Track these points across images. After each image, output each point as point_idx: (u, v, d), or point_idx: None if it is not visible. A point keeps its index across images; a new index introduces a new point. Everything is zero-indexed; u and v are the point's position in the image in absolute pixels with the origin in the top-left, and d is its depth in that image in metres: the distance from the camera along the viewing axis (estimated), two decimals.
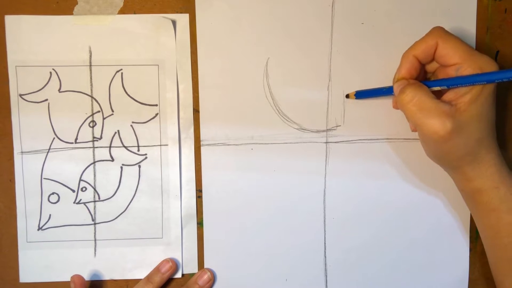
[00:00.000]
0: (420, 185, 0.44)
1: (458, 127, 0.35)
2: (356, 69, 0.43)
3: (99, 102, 0.43)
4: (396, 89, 0.38)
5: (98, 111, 0.43)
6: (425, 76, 0.41)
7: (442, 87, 0.37)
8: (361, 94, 0.42)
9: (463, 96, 0.36)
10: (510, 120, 0.44)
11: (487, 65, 0.35)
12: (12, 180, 0.44)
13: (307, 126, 0.44)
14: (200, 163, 0.44)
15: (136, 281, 0.44)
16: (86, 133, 0.44)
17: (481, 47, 0.44)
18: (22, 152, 0.44)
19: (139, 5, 0.43)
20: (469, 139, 0.36)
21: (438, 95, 0.37)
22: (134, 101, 0.43)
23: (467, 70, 0.36)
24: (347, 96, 0.43)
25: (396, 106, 0.40)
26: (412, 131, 0.42)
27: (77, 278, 0.43)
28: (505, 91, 0.44)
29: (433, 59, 0.38)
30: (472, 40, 0.43)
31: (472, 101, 0.35)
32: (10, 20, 0.42)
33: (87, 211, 0.44)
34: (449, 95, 0.37)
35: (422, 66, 0.39)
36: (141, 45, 0.43)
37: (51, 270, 0.44)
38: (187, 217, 0.44)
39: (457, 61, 0.36)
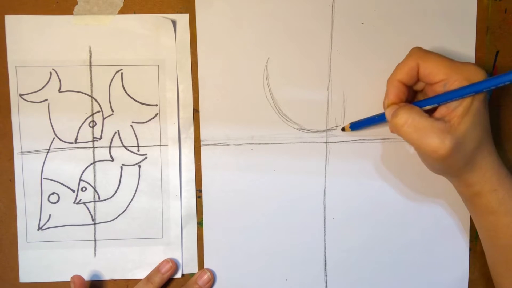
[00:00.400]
0: (420, 185, 0.44)
1: (456, 142, 0.35)
2: (356, 69, 0.43)
3: (99, 102, 0.43)
4: (388, 115, 0.38)
5: (98, 111, 0.43)
6: (414, 96, 0.41)
7: (433, 105, 0.37)
8: (356, 125, 0.43)
9: (455, 110, 0.35)
10: (506, 120, 0.44)
11: (474, 74, 0.35)
12: (12, 180, 0.44)
13: (307, 126, 0.44)
14: (200, 163, 0.44)
15: (136, 281, 0.44)
16: (86, 133, 0.44)
17: (481, 47, 0.44)
18: (22, 152, 0.44)
19: (139, 5, 0.43)
20: (467, 151, 0.36)
21: (430, 113, 0.37)
22: (134, 101, 0.43)
23: (454, 84, 0.36)
24: (343, 129, 0.43)
25: (393, 130, 0.40)
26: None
27: (77, 278, 0.43)
28: (500, 91, 0.44)
29: (418, 79, 0.38)
30: (472, 40, 0.43)
31: (464, 113, 0.35)
32: (10, 20, 0.42)
33: (87, 211, 0.44)
34: (441, 111, 0.37)
35: (409, 88, 0.39)
36: (141, 45, 0.43)
37: (51, 270, 0.44)
38: (187, 217, 0.44)
39: (442, 78, 0.36)
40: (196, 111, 0.44)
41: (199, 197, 0.44)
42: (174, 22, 0.43)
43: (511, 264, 0.38)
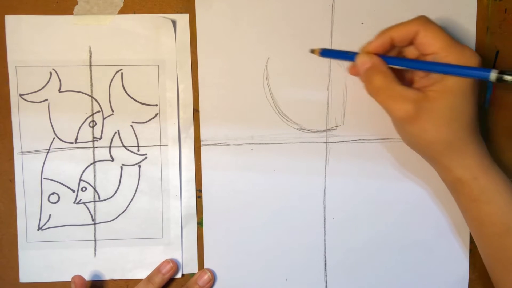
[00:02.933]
0: (420, 185, 0.44)
1: (423, 112, 0.36)
2: None
3: (99, 102, 0.43)
4: (360, 64, 0.38)
5: (98, 111, 0.43)
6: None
7: (403, 67, 0.38)
8: (326, 53, 0.42)
9: (434, 85, 0.36)
10: (506, 119, 0.44)
11: (465, 58, 0.36)
12: (12, 180, 0.44)
13: (307, 126, 0.44)
14: (200, 163, 0.44)
15: (136, 281, 0.44)
16: (86, 133, 0.44)
17: (481, 47, 0.44)
18: (22, 152, 0.44)
19: (139, 5, 0.43)
20: (439, 127, 0.36)
21: (414, 79, 0.39)
22: (134, 101, 0.43)
23: (443, 59, 0.36)
24: (312, 51, 0.42)
25: (352, 71, 0.41)
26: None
27: (77, 278, 0.43)
28: (501, 90, 0.44)
29: (408, 44, 0.38)
30: (472, 40, 0.43)
31: (444, 91, 0.36)
32: (10, 20, 0.42)
33: (87, 211, 0.44)
34: (423, 82, 0.38)
35: (392, 47, 0.39)
36: (141, 45, 0.43)
37: (51, 270, 0.44)
38: (187, 217, 0.44)
39: (435, 51, 0.36)
40: (196, 111, 0.44)
41: (199, 197, 0.44)
42: (174, 22, 0.43)
43: (498, 253, 0.38)
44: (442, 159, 0.38)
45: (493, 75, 0.34)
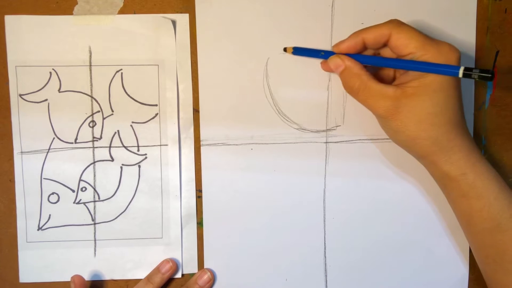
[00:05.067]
0: (420, 185, 0.44)
1: (402, 108, 0.36)
2: None
3: (99, 102, 0.43)
4: (333, 67, 0.39)
5: (98, 111, 0.43)
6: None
7: (378, 66, 0.39)
8: (298, 51, 0.42)
9: (413, 81, 0.36)
10: (506, 120, 0.44)
11: (443, 54, 0.36)
12: (12, 180, 0.44)
13: (307, 126, 0.44)
14: (200, 163, 0.44)
15: (136, 281, 0.44)
16: (86, 133, 0.44)
17: (481, 47, 0.44)
18: (22, 152, 0.44)
19: (139, 5, 0.43)
20: (421, 122, 0.36)
21: (394, 78, 0.40)
22: (134, 101, 0.43)
23: (421, 58, 0.36)
24: (285, 49, 0.43)
25: (324, 67, 0.42)
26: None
27: (77, 278, 0.43)
28: (501, 90, 0.44)
29: (381, 47, 0.39)
30: (472, 40, 0.43)
31: (422, 87, 0.36)
32: (10, 20, 0.42)
33: (87, 211, 0.44)
34: (403, 78, 0.38)
35: (364, 49, 0.39)
36: (141, 45, 0.43)
37: (51, 270, 0.44)
38: (187, 217, 0.44)
39: (411, 51, 0.36)
40: (196, 111, 0.44)
41: (199, 197, 0.44)
42: (174, 22, 0.43)
43: (488, 249, 0.38)
44: (427, 155, 0.38)
45: (461, 72, 0.35)
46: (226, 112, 0.44)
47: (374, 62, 0.39)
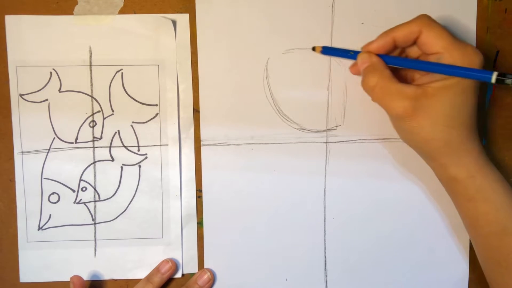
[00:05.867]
0: (420, 185, 0.44)
1: (421, 109, 0.36)
2: None
3: (99, 102, 0.43)
4: (359, 63, 0.39)
5: (98, 111, 0.43)
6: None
7: (403, 67, 0.38)
8: (327, 51, 0.42)
9: (435, 82, 0.36)
10: (507, 120, 0.44)
11: (468, 58, 0.36)
12: (12, 180, 0.44)
13: (307, 126, 0.44)
14: (200, 163, 0.44)
15: (136, 281, 0.44)
16: (86, 133, 0.44)
17: (481, 47, 0.43)
18: (22, 152, 0.44)
19: (139, 5, 0.43)
20: (437, 124, 0.36)
21: (415, 77, 0.39)
22: (134, 101, 0.44)
23: (447, 60, 0.36)
24: (313, 48, 0.42)
25: (353, 70, 0.41)
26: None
27: (76, 279, 0.43)
28: (503, 91, 0.44)
29: (411, 44, 0.38)
30: (472, 40, 0.43)
31: (444, 88, 0.36)
32: (10, 20, 0.42)
33: (87, 211, 0.44)
34: (424, 79, 0.38)
35: (394, 48, 0.39)
36: (141, 45, 0.43)
37: (51, 270, 0.44)
38: (187, 217, 0.44)
39: (438, 50, 0.36)
40: (196, 111, 0.44)
41: (199, 197, 0.44)
42: (174, 22, 0.43)
43: (494, 252, 0.38)
44: (438, 157, 0.38)
45: (494, 77, 0.35)
46: (226, 112, 0.44)
47: (403, 64, 0.38)
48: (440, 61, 0.36)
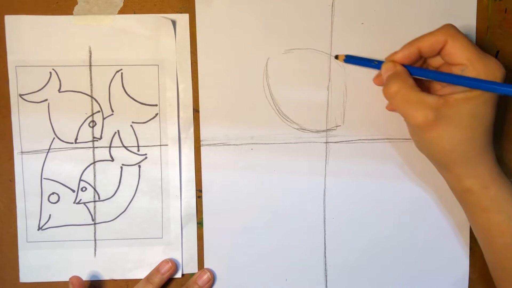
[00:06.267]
0: (420, 185, 0.44)
1: (442, 119, 0.35)
2: (356, 69, 0.43)
3: (99, 102, 0.43)
4: (383, 72, 0.38)
5: (98, 111, 0.43)
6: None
7: (427, 79, 0.38)
8: (350, 60, 0.42)
9: (458, 93, 0.36)
10: (509, 121, 0.44)
11: (491, 71, 0.35)
12: (12, 180, 0.44)
13: (307, 126, 0.44)
14: (200, 163, 0.44)
15: (136, 281, 0.44)
16: (86, 133, 0.44)
17: (481, 47, 0.43)
18: (22, 152, 0.44)
19: (139, 5, 0.43)
20: (457, 135, 0.36)
21: (435, 88, 0.39)
22: (134, 101, 0.43)
23: (471, 72, 0.36)
24: (336, 57, 0.42)
25: (377, 81, 0.41)
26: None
27: (75, 279, 0.43)
28: None
29: (436, 54, 0.38)
30: (472, 40, 0.43)
31: (466, 99, 0.35)
32: (10, 20, 0.42)
33: (87, 211, 0.44)
34: (445, 90, 0.38)
35: (419, 58, 0.39)
36: (141, 45, 0.43)
37: (51, 270, 0.44)
38: (187, 217, 0.44)
39: (463, 62, 0.36)
40: (196, 111, 0.44)
41: (199, 197, 0.44)
42: (174, 22, 0.43)
43: (507, 263, 0.38)
44: (454, 168, 0.37)
45: None
46: (226, 112, 0.44)
47: (428, 76, 0.38)
48: (463, 72, 0.36)
